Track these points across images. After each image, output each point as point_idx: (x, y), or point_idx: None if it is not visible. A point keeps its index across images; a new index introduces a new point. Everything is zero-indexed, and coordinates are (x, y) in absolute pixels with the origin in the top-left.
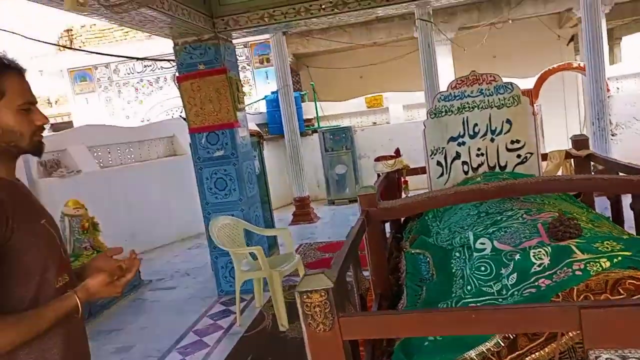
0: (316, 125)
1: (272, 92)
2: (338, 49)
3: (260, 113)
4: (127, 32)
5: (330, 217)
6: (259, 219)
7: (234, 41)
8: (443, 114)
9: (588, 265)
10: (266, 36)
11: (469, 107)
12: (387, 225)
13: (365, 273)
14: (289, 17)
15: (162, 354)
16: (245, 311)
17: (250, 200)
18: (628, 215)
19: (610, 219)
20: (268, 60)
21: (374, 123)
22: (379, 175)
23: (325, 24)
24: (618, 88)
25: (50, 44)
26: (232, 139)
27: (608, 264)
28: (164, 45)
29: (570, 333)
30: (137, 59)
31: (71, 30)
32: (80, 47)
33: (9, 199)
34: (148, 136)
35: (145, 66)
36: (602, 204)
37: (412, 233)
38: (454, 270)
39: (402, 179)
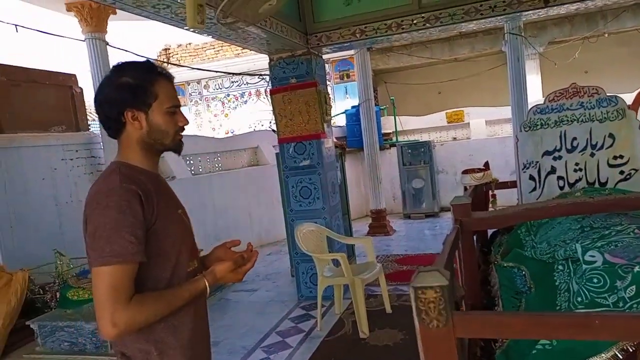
0: (394, 139)
1: (353, 107)
2: (416, 65)
3: (340, 127)
4: (217, 51)
5: (406, 231)
6: (339, 228)
7: (323, 56)
8: (538, 127)
9: None
10: (347, 53)
11: (567, 120)
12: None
13: None
14: (380, 32)
15: (248, 351)
16: (325, 316)
17: (332, 209)
18: None
19: None
20: (348, 76)
21: (454, 138)
22: (465, 188)
23: (409, 40)
24: None
25: (156, 60)
26: (319, 149)
27: None
28: (250, 63)
29: None
30: (234, 74)
31: (168, 49)
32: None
33: (154, 190)
34: (234, 146)
35: (232, 82)
36: None
37: (503, 247)
38: (557, 283)
39: (490, 193)
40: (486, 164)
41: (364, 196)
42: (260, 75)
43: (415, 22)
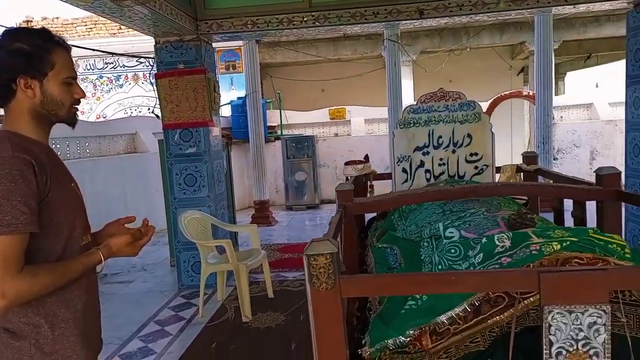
0: (279, 132)
1: (238, 98)
2: (302, 62)
3: (224, 117)
4: (90, 28)
5: (287, 222)
6: (224, 217)
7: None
8: (411, 125)
9: (542, 247)
10: (235, 43)
11: (435, 120)
12: None
13: None
14: (272, 26)
15: (124, 342)
16: (207, 304)
17: (218, 198)
18: (569, 224)
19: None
20: (234, 67)
21: (336, 134)
22: (347, 179)
23: (297, 37)
24: (561, 117)
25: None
26: (206, 137)
27: (559, 246)
28: (128, 44)
29: (525, 301)
30: (112, 54)
31: (31, 21)
32: None
33: (48, 161)
34: (109, 132)
35: (106, 63)
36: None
37: (378, 231)
38: (422, 258)
39: (369, 183)
40: (366, 157)
41: (248, 187)
42: (141, 57)
43: (305, 19)
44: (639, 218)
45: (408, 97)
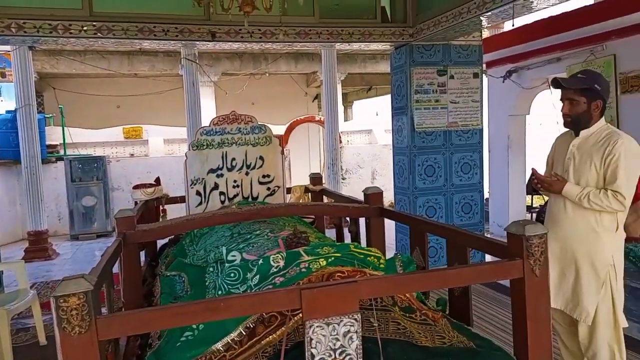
0: (62, 152)
1: (7, 111)
2: (92, 74)
3: None
4: None
5: (72, 253)
6: None
7: None
8: (205, 147)
9: (311, 264)
10: (2, 48)
11: (228, 142)
12: (142, 254)
13: None
14: (44, 32)
15: None
16: None
17: None
18: (347, 238)
19: (335, 240)
20: (3, 75)
21: (132, 155)
22: (136, 203)
23: (82, 46)
24: (348, 141)
25: None
26: None
27: (325, 262)
28: None
29: (295, 318)
30: None
31: None
32: None
33: None
34: None
35: None
36: (330, 234)
37: (169, 258)
38: (207, 283)
39: (161, 208)
40: (157, 180)
41: (21, 216)
42: None
43: (85, 28)
44: (406, 230)
45: (210, 118)
